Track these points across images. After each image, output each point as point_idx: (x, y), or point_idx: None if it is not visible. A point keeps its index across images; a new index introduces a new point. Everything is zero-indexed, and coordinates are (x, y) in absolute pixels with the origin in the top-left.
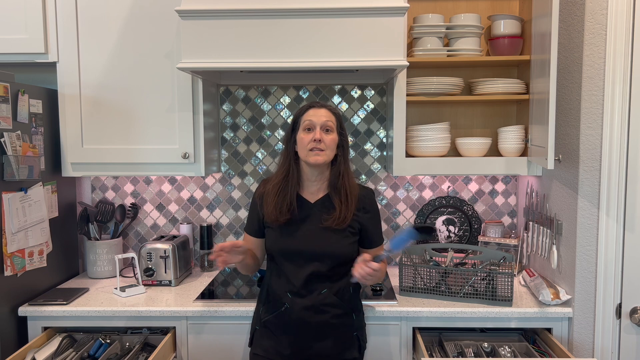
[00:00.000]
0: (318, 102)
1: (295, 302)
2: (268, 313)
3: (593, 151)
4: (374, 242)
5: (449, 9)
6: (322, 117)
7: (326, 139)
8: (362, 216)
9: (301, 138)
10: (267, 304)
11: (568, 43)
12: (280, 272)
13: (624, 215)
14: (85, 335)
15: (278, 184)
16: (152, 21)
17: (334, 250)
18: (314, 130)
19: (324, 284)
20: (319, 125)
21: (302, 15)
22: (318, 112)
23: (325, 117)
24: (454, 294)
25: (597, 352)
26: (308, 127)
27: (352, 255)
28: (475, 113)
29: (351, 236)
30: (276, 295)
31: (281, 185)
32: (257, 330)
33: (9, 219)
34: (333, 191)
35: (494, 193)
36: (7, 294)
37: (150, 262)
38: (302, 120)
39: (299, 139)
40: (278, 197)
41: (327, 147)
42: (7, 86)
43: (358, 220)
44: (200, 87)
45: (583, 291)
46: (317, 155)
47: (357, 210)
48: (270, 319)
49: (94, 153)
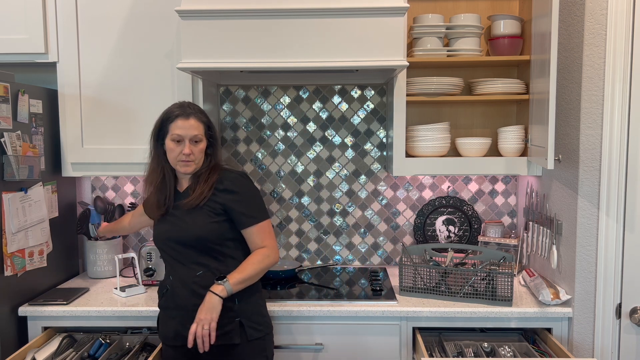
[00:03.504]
0: (185, 109)
1: (175, 285)
2: (160, 299)
3: (593, 151)
4: (241, 223)
5: (449, 9)
6: (191, 131)
7: (195, 150)
8: (223, 196)
9: (170, 149)
10: (158, 291)
11: (568, 43)
12: (164, 258)
13: (624, 215)
14: (85, 335)
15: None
16: (152, 21)
17: (193, 230)
18: (183, 143)
19: (199, 267)
20: (187, 138)
21: (302, 15)
22: (186, 124)
23: (194, 130)
24: (454, 294)
25: (597, 352)
26: (177, 140)
27: (221, 235)
28: (475, 113)
29: (214, 216)
30: (163, 281)
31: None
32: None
33: (9, 219)
34: (194, 178)
35: (494, 193)
36: (7, 294)
37: (150, 262)
38: (170, 130)
39: (168, 148)
40: (157, 196)
41: (196, 157)
42: (7, 86)
43: (218, 201)
44: (200, 87)
45: (583, 291)
46: (187, 166)
47: (217, 191)
48: (160, 304)
49: (94, 153)
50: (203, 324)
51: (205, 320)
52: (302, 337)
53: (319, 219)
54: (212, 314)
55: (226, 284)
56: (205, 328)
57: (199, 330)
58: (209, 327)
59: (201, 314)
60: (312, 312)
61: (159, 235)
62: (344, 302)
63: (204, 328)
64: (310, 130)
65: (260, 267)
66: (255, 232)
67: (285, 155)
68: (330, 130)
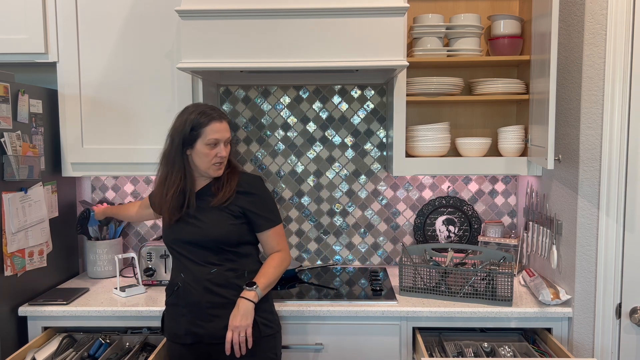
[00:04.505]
0: (217, 113)
1: (187, 282)
2: (168, 297)
3: (593, 151)
4: (260, 226)
5: (448, 9)
6: (226, 133)
7: (227, 152)
8: (242, 199)
9: (205, 153)
10: (166, 288)
11: (568, 43)
12: (175, 258)
13: (623, 215)
14: (85, 335)
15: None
16: (152, 21)
17: (213, 232)
18: (218, 146)
19: (213, 265)
20: (223, 141)
21: (302, 15)
22: (222, 127)
23: (227, 133)
24: (454, 294)
25: (596, 352)
26: (214, 144)
27: (239, 238)
28: (475, 113)
29: (233, 218)
30: (172, 279)
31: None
32: (164, 315)
33: (9, 219)
34: (214, 179)
35: (493, 193)
36: (7, 294)
37: (150, 262)
38: (205, 134)
39: (201, 152)
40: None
41: (226, 159)
42: (7, 86)
43: (238, 204)
44: (200, 87)
45: (583, 291)
46: (220, 169)
47: (237, 193)
48: (169, 302)
49: (94, 153)
50: (239, 331)
51: (242, 327)
52: (302, 337)
53: (319, 219)
54: (247, 320)
55: (257, 289)
56: (242, 335)
57: (235, 338)
58: (245, 333)
59: (235, 321)
60: (312, 312)
61: (174, 236)
62: (344, 302)
63: (241, 335)
64: (310, 130)
65: (280, 270)
66: (272, 235)
67: (285, 155)
68: (330, 130)
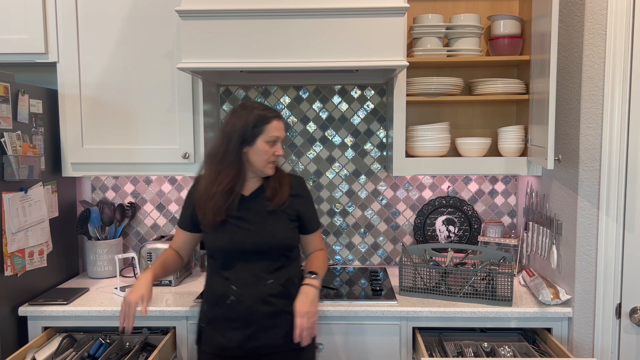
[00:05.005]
0: (276, 112)
1: (241, 294)
2: (214, 308)
3: (593, 151)
4: (311, 227)
5: (448, 9)
6: (283, 132)
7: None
8: (295, 201)
9: (264, 150)
10: (212, 301)
11: (568, 43)
12: (223, 267)
13: (623, 215)
14: (85, 335)
15: (227, 186)
16: (152, 21)
17: (275, 237)
18: (276, 144)
19: (269, 275)
20: (281, 139)
21: (302, 15)
22: (280, 125)
23: (284, 132)
24: (454, 294)
25: (596, 352)
26: (274, 141)
27: (294, 242)
28: (475, 113)
29: (289, 222)
30: (220, 291)
31: (229, 186)
32: (203, 328)
33: (9, 219)
34: (266, 181)
35: (493, 193)
36: (7, 294)
37: (150, 262)
38: (267, 131)
39: (261, 149)
40: (222, 198)
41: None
42: (7, 86)
43: (292, 207)
44: (200, 87)
45: (583, 291)
46: (273, 168)
47: (290, 196)
48: (216, 314)
49: (94, 153)
50: (309, 317)
51: (311, 313)
52: None
53: None
54: (315, 306)
55: (319, 278)
56: (312, 320)
57: (305, 323)
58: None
59: (305, 307)
60: None
61: (225, 244)
62: (344, 302)
63: (310, 321)
64: (310, 130)
65: (327, 266)
66: (317, 236)
67: (285, 155)
68: (330, 130)
